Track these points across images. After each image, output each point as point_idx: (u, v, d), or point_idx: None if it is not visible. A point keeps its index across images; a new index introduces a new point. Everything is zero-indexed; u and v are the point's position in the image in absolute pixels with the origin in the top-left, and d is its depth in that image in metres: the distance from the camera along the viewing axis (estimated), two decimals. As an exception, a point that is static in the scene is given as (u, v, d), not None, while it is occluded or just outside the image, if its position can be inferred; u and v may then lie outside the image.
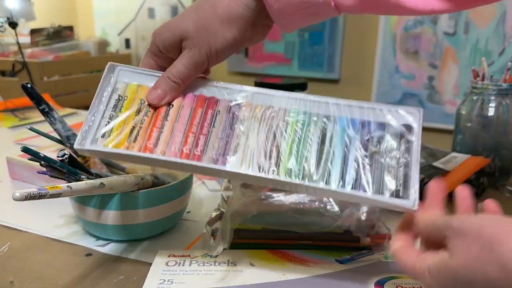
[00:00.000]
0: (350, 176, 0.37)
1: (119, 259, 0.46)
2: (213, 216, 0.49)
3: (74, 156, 0.44)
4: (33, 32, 1.80)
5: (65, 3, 2.42)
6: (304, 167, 0.38)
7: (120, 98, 0.42)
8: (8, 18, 1.37)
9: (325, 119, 0.40)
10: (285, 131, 0.40)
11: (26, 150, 0.41)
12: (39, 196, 0.35)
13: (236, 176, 0.39)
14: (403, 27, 1.57)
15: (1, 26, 1.37)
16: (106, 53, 2.20)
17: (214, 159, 0.39)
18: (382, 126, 0.39)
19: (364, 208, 0.47)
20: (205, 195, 0.63)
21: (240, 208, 0.47)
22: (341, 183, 0.37)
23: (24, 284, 0.42)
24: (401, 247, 0.34)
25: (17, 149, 0.56)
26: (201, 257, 0.44)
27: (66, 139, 0.48)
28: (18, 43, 1.41)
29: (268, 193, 0.47)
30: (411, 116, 0.40)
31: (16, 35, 1.40)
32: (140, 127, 0.40)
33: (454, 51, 1.54)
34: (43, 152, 0.42)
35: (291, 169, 0.38)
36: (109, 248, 0.48)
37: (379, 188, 0.37)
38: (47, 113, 0.47)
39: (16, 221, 0.54)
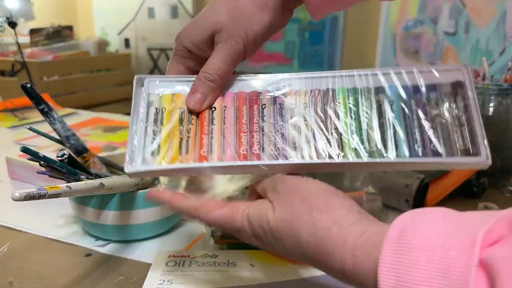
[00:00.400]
0: (418, 144, 0.36)
1: (119, 259, 0.46)
2: (213, 216, 0.49)
3: (74, 156, 0.44)
4: (33, 32, 1.80)
5: (65, 3, 2.42)
6: (370, 144, 0.37)
7: (158, 111, 0.39)
8: (7, 18, 1.37)
9: (376, 91, 0.38)
10: (339, 111, 0.38)
11: (25, 150, 0.41)
12: (39, 196, 0.34)
13: (304, 168, 0.37)
14: (403, 27, 1.57)
15: (1, 26, 1.37)
16: (106, 53, 2.20)
17: (274, 155, 0.37)
18: (434, 87, 0.38)
19: (365, 208, 0.46)
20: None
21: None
22: (411, 152, 0.36)
23: (23, 284, 0.41)
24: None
25: (17, 149, 0.56)
26: (201, 258, 0.44)
27: (65, 139, 0.48)
28: (17, 43, 1.41)
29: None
30: (459, 73, 0.38)
31: (15, 35, 1.40)
32: (188, 137, 0.38)
33: (455, 51, 1.54)
34: (43, 152, 0.42)
35: (356, 149, 0.36)
36: (109, 248, 0.48)
37: (450, 149, 0.36)
38: (46, 113, 0.47)
39: (15, 221, 0.54)
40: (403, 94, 0.38)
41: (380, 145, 0.36)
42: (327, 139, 0.37)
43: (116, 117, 1.13)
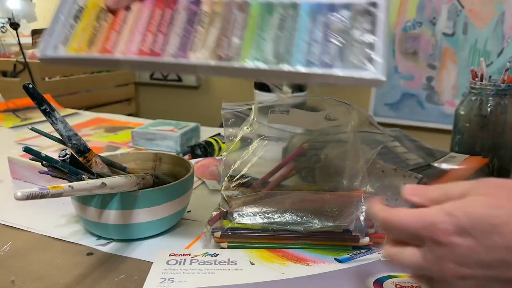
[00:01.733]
0: (315, 57, 0.37)
1: (120, 258, 0.46)
2: (213, 215, 0.49)
3: (76, 156, 0.45)
4: (35, 32, 1.80)
5: (65, 4, 2.42)
6: (264, 53, 0.38)
7: (81, 9, 0.42)
8: (9, 19, 1.38)
9: (288, 7, 0.40)
10: (245, 22, 0.40)
11: (27, 150, 0.42)
12: (41, 196, 0.35)
13: (197, 69, 0.39)
14: (401, 27, 1.57)
15: (3, 27, 1.37)
16: (107, 54, 2.19)
17: (174, 55, 0.39)
18: (348, 6, 0.39)
19: (364, 208, 0.47)
20: (205, 195, 0.63)
21: (240, 207, 0.47)
22: (305, 63, 0.37)
23: (25, 283, 0.42)
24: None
25: (19, 149, 0.57)
26: (202, 256, 0.44)
27: (67, 139, 0.48)
28: (19, 43, 1.42)
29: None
30: None
31: (17, 35, 1.40)
32: (99, 32, 0.41)
33: (453, 51, 1.54)
34: (45, 152, 0.42)
35: (251, 55, 0.38)
36: (110, 248, 0.49)
37: (347, 65, 0.36)
38: (48, 113, 0.47)
39: (17, 220, 0.54)
40: (315, 10, 0.39)
41: (271, 54, 0.38)
42: (227, 45, 0.39)
43: (118, 117, 1.13)
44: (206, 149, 0.78)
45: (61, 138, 0.49)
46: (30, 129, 0.49)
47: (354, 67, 0.36)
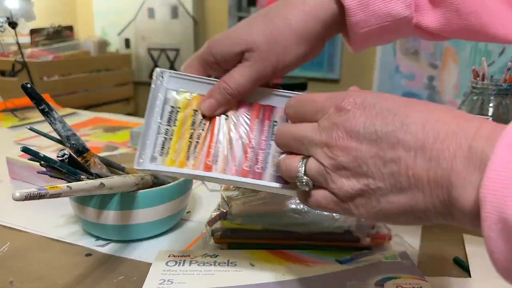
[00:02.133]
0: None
1: (119, 259, 0.46)
2: (213, 216, 0.49)
3: (74, 156, 0.44)
4: (33, 32, 1.80)
5: (65, 3, 2.42)
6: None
7: (173, 109, 0.39)
8: (8, 18, 1.37)
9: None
10: None
11: (26, 150, 0.41)
12: (39, 196, 0.34)
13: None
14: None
15: (1, 26, 1.37)
16: (106, 53, 2.20)
17: (275, 176, 0.37)
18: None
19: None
20: (205, 195, 0.63)
21: (240, 208, 0.47)
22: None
23: (24, 284, 0.42)
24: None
25: (17, 149, 0.56)
26: (201, 257, 0.44)
27: (66, 139, 0.48)
28: (18, 43, 1.41)
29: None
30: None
31: (16, 35, 1.40)
32: (197, 142, 0.38)
33: (454, 51, 1.54)
34: (43, 152, 0.42)
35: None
36: (109, 248, 0.48)
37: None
38: (47, 113, 0.47)
39: (16, 221, 0.54)
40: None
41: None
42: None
43: (117, 117, 1.13)
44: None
45: (59, 138, 0.48)
46: (29, 129, 0.48)
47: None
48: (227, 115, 0.39)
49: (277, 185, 0.36)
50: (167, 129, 0.38)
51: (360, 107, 0.29)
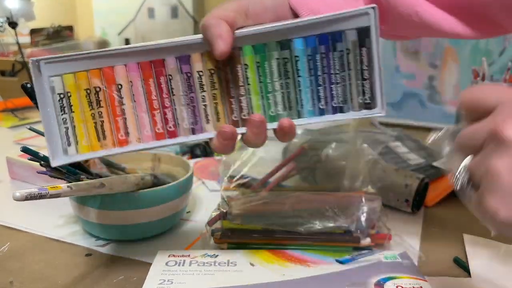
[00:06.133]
0: (322, 102, 0.39)
1: (119, 259, 0.46)
2: (213, 216, 0.49)
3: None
4: (33, 32, 1.80)
5: (65, 3, 2.42)
6: (273, 109, 0.39)
7: (63, 96, 0.38)
8: (8, 18, 1.37)
9: (280, 46, 0.38)
10: (246, 76, 0.38)
11: (26, 150, 0.41)
12: (39, 196, 0.35)
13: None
14: (403, 27, 1.56)
15: (1, 26, 1.37)
16: (106, 53, 2.19)
17: (190, 129, 0.39)
18: (339, 36, 0.38)
19: (365, 208, 0.47)
20: (205, 195, 0.63)
21: (240, 208, 0.47)
22: (314, 111, 0.39)
23: (24, 284, 0.42)
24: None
25: (17, 149, 0.56)
26: (201, 257, 0.44)
27: (66, 139, 0.48)
28: (18, 43, 1.41)
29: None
30: (365, 17, 0.37)
31: (16, 35, 1.40)
32: (101, 121, 0.38)
33: (455, 50, 1.54)
34: (43, 152, 0.42)
35: (264, 112, 0.39)
36: (109, 248, 0.48)
37: (350, 105, 0.39)
38: (47, 113, 0.47)
39: (16, 221, 0.54)
40: (307, 46, 0.38)
41: (281, 108, 0.39)
42: (237, 108, 0.39)
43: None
44: (206, 149, 0.78)
45: (59, 138, 0.48)
46: (29, 128, 0.48)
47: (359, 106, 0.39)
48: (120, 84, 0.38)
49: (194, 137, 0.39)
50: (64, 118, 0.38)
51: None
